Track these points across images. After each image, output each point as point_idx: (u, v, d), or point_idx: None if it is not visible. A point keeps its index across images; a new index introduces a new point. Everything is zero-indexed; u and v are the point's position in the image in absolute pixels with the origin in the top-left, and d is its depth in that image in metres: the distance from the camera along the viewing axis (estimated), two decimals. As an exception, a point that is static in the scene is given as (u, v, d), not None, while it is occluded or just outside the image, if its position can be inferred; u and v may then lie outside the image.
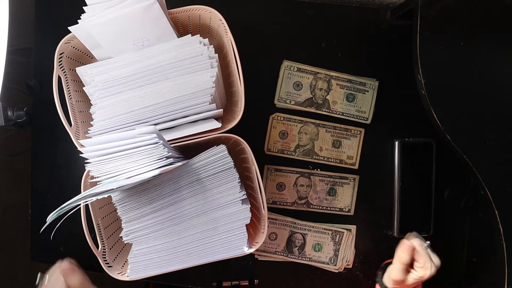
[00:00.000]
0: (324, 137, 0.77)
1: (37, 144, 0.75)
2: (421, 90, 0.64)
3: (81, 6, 0.57)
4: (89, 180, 0.59)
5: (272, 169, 0.76)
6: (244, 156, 0.66)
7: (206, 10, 0.62)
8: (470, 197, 0.79)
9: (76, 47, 0.64)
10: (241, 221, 0.61)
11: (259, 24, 0.75)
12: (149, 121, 0.59)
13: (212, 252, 0.61)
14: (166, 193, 0.59)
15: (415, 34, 0.63)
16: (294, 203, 0.77)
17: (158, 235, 0.60)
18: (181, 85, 0.58)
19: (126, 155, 0.51)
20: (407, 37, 0.69)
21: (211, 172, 0.59)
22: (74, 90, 0.64)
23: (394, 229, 0.77)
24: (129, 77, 0.59)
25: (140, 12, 0.56)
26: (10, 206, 1.32)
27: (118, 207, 0.59)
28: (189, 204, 0.60)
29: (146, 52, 0.60)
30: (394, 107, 0.77)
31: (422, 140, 0.77)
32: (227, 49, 0.64)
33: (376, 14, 0.76)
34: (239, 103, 0.61)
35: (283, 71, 0.75)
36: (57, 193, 0.74)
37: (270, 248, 0.77)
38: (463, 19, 0.64)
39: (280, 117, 0.76)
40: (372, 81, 0.76)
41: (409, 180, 0.76)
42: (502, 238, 0.63)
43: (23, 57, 0.94)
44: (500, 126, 0.63)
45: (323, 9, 0.76)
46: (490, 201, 0.64)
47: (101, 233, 0.63)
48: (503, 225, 0.63)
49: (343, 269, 0.78)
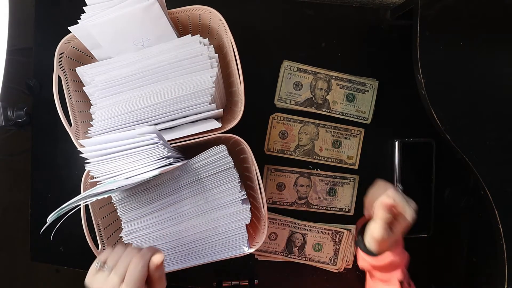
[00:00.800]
0: (324, 137, 0.77)
1: (37, 144, 0.75)
2: (421, 90, 0.64)
3: (81, 6, 0.57)
4: (89, 180, 0.59)
5: (272, 169, 0.76)
6: (244, 156, 0.66)
7: (206, 10, 0.62)
8: (470, 197, 0.79)
9: (76, 47, 0.64)
10: (241, 221, 0.61)
11: (259, 24, 0.75)
12: (149, 121, 0.59)
13: (212, 252, 0.61)
14: (166, 193, 0.59)
15: (415, 34, 0.63)
16: (294, 203, 0.77)
17: (158, 235, 0.60)
18: (181, 85, 0.58)
19: (126, 155, 0.51)
20: (407, 37, 0.69)
21: (211, 172, 0.59)
22: (74, 90, 0.64)
23: (394, 229, 0.77)
24: (129, 77, 0.59)
25: (140, 12, 0.56)
26: (10, 206, 1.32)
27: (118, 207, 0.59)
28: (189, 204, 0.60)
29: (146, 52, 0.60)
30: (394, 107, 0.77)
31: (422, 140, 0.77)
32: (227, 49, 0.64)
33: (376, 14, 0.76)
34: (239, 103, 0.61)
35: (283, 71, 0.75)
36: (57, 193, 0.74)
37: (270, 248, 0.77)
38: (463, 19, 0.64)
39: (280, 117, 0.76)
40: (372, 81, 0.76)
41: (409, 180, 0.76)
42: (502, 238, 0.63)
43: (23, 57, 0.94)
44: (500, 126, 0.63)
45: (323, 9, 0.76)
46: (490, 201, 0.64)
47: (101, 233, 0.63)
48: (503, 225, 0.63)
49: (343, 269, 0.78)
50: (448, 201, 0.79)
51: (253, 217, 0.66)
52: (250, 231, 0.68)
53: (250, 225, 0.66)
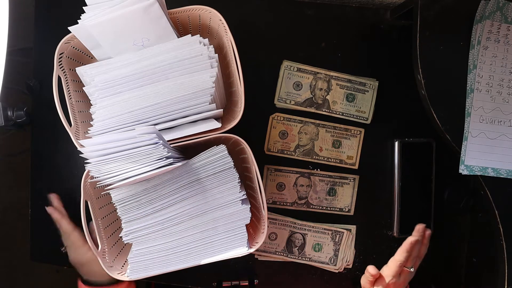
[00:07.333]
0: (324, 137, 0.77)
1: (37, 144, 0.75)
2: (421, 90, 0.64)
3: (81, 6, 0.57)
4: (89, 180, 0.59)
5: (272, 169, 0.76)
6: (244, 156, 0.66)
7: (206, 10, 0.62)
8: (470, 197, 0.79)
9: (76, 47, 0.64)
10: (241, 221, 0.61)
11: (259, 24, 0.75)
12: (149, 121, 0.59)
13: (212, 252, 0.61)
14: (166, 193, 0.59)
15: (415, 34, 0.63)
16: (294, 203, 0.77)
17: (158, 235, 0.60)
18: (181, 85, 0.58)
19: (126, 155, 0.51)
20: (407, 37, 0.69)
21: (211, 172, 0.59)
22: (74, 90, 0.64)
23: (394, 229, 0.77)
24: (129, 77, 0.59)
25: (140, 12, 0.56)
26: (10, 206, 1.32)
27: (118, 207, 0.59)
28: (189, 204, 0.60)
29: (146, 52, 0.60)
30: (394, 107, 0.77)
31: (422, 140, 0.77)
32: (227, 49, 0.64)
33: (376, 14, 0.76)
34: (239, 103, 0.61)
35: (283, 71, 0.75)
36: (57, 193, 0.74)
37: (270, 248, 0.77)
38: (463, 19, 0.64)
39: (280, 117, 0.76)
40: (372, 81, 0.76)
41: (409, 180, 0.76)
42: (502, 238, 0.63)
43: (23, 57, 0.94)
44: (500, 126, 0.63)
45: (323, 9, 0.76)
46: (490, 201, 0.64)
47: (101, 233, 0.63)
48: (503, 225, 0.63)
49: (343, 269, 0.78)
50: (448, 201, 0.79)
51: (253, 217, 0.66)
52: (250, 231, 0.68)
53: (250, 225, 0.66)
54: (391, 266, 0.67)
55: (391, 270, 0.67)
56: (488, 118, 0.64)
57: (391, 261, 0.68)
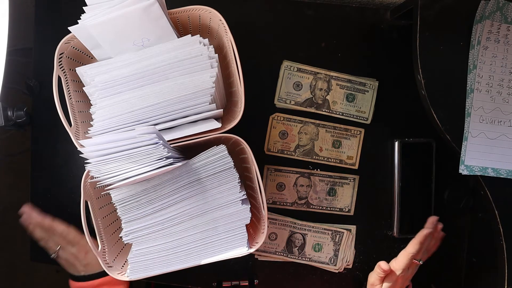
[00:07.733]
0: (324, 137, 0.77)
1: (37, 144, 0.75)
2: (421, 90, 0.64)
3: (81, 6, 0.57)
4: (89, 180, 0.59)
5: (272, 169, 0.76)
6: (244, 156, 0.66)
7: (206, 10, 0.62)
8: (470, 197, 0.79)
9: (76, 47, 0.64)
10: (241, 221, 0.61)
11: (259, 24, 0.75)
12: (149, 121, 0.59)
13: (212, 252, 0.61)
14: (166, 193, 0.59)
15: (415, 34, 0.63)
16: (294, 203, 0.77)
17: (158, 235, 0.60)
18: (181, 85, 0.58)
19: (126, 155, 0.51)
20: (407, 37, 0.69)
21: (211, 172, 0.59)
22: (74, 90, 0.64)
23: (394, 229, 0.77)
24: (129, 77, 0.59)
25: (140, 12, 0.56)
26: (10, 206, 1.32)
27: (118, 207, 0.59)
28: (189, 204, 0.60)
29: (146, 52, 0.60)
30: (394, 107, 0.77)
31: (422, 140, 0.77)
32: (227, 49, 0.64)
33: (376, 14, 0.76)
34: (239, 103, 0.61)
35: (283, 71, 0.75)
36: (57, 193, 0.74)
37: (270, 248, 0.77)
38: (463, 19, 0.64)
39: (280, 117, 0.76)
40: (372, 81, 0.76)
41: (409, 180, 0.76)
42: (502, 238, 0.63)
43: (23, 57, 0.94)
44: (500, 126, 0.63)
45: (323, 9, 0.76)
46: (490, 201, 0.64)
47: (101, 233, 0.63)
48: (503, 225, 0.63)
49: (343, 269, 0.78)
50: (448, 201, 0.79)
51: (253, 217, 0.66)
52: (250, 231, 0.68)
53: (250, 225, 0.66)
54: (402, 259, 0.67)
55: (402, 263, 0.67)
56: (488, 118, 0.64)
57: (401, 254, 0.68)
